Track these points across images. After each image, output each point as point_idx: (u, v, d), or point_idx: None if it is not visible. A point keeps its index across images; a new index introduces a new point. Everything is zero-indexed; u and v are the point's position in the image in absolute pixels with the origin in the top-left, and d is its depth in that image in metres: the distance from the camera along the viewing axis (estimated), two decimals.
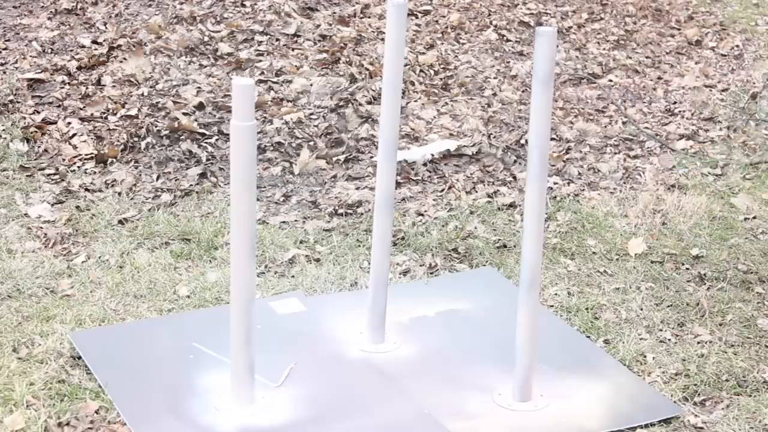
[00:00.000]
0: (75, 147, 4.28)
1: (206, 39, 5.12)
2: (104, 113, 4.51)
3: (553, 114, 4.63)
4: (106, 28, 5.20)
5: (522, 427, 2.79)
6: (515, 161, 4.41)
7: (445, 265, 3.60)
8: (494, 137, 4.60)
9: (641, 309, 3.36)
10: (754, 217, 4.03)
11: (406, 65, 5.05)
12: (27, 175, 4.08)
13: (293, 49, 5.13)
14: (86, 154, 4.23)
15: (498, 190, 4.15)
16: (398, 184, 4.11)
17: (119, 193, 3.98)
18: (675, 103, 5.12)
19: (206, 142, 4.34)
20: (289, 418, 2.78)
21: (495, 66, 5.29)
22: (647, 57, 5.63)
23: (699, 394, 2.94)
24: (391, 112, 2.96)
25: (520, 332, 2.81)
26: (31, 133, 4.34)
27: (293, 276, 3.49)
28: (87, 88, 4.68)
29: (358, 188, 4.09)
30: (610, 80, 5.31)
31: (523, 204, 2.79)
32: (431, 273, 3.57)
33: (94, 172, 4.13)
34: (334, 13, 5.57)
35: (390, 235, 3.06)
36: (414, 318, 3.28)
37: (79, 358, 2.98)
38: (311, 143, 4.40)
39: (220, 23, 5.29)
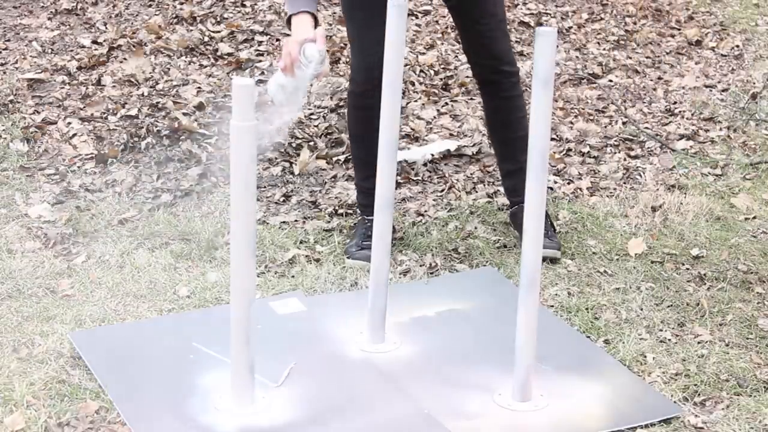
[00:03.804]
0: (75, 147, 4.28)
1: (206, 39, 5.13)
2: (104, 113, 4.51)
3: (553, 114, 4.63)
4: (106, 28, 5.20)
5: (522, 427, 2.79)
6: None
7: (445, 265, 3.60)
8: None
9: (641, 309, 3.36)
10: (754, 217, 4.03)
11: (406, 65, 5.05)
12: (27, 175, 4.08)
13: None
14: (86, 154, 4.23)
15: (498, 190, 4.15)
16: (398, 184, 4.11)
17: (119, 193, 3.98)
18: (675, 103, 5.11)
19: (206, 142, 4.34)
20: (289, 418, 2.78)
21: None
22: (647, 57, 5.63)
23: (699, 394, 2.94)
24: (391, 112, 2.97)
25: (520, 332, 2.81)
26: (31, 133, 4.34)
27: (293, 276, 3.49)
28: (87, 88, 4.68)
29: None
30: (610, 80, 5.31)
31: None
32: (431, 273, 3.57)
33: (94, 172, 4.13)
34: (334, 13, 5.57)
35: (390, 235, 3.07)
36: (414, 318, 3.28)
37: (79, 358, 2.99)
38: (311, 143, 4.40)
39: (220, 23, 5.29)
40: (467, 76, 5.10)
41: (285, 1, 3.17)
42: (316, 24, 3.05)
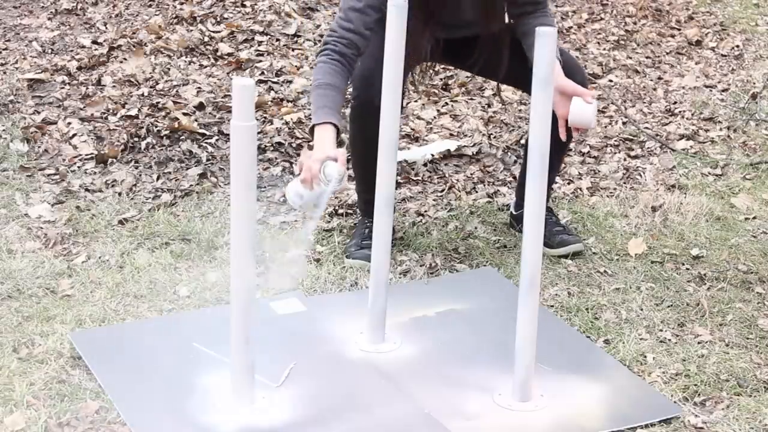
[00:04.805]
0: (75, 147, 4.28)
1: (206, 39, 5.13)
2: (104, 113, 4.51)
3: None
4: (106, 28, 5.20)
5: (522, 427, 2.79)
6: (515, 161, 4.41)
7: (445, 265, 3.60)
8: (494, 137, 4.60)
9: (641, 309, 3.36)
10: (754, 217, 4.03)
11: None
12: (27, 175, 4.08)
13: (293, 49, 5.13)
14: (86, 154, 4.23)
15: (498, 190, 4.15)
16: (398, 184, 4.11)
17: (119, 193, 3.98)
18: (675, 103, 5.12)
19: (206, 142, 4.34)
20: (289, 418, 2.78)
21: None
22: (647, 57, 5.63)
23: (699, 394, 2.94)
24: (391, 112, 2.96)
25: (520, 332, 2.81)
26: (31, 133, 4.34)
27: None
28: (87, 88, 4.68)
29: None
30: (610, 80, 5.31)
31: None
32: (431, 273, 3.57)
33: (94, 172, 4.13)
34: (334, 13, 5.56)
35: (390, 235, 3.07)
36: (414, 318, 3.28)
37: (79, 358, 2.98)
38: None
39: (220, 23, 5.29)
40: (467, 76, 5.10)
41: (312, 109, 3.18)
42: (338, 133, 3.06)
